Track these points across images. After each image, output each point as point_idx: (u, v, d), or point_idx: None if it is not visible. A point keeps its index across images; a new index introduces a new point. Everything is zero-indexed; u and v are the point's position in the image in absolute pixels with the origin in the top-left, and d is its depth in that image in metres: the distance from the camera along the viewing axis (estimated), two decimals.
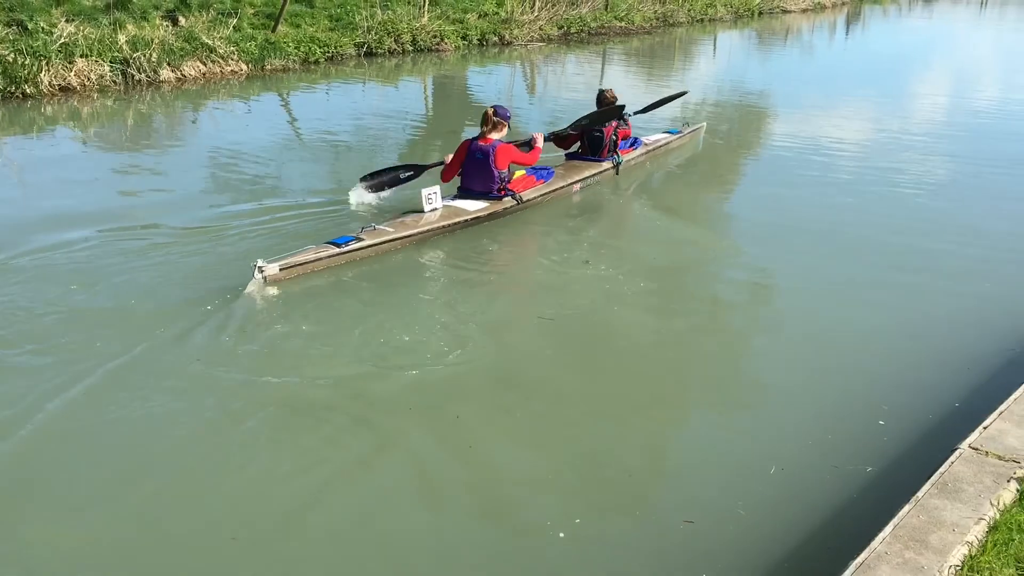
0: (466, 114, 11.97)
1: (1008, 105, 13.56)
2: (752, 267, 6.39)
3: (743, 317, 5.64)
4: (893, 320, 5.50)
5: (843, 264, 6.42)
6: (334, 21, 15.23)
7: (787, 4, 29.33)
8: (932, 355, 5.01)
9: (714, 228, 7.47)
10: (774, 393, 4.61)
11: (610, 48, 18.97)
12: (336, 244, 5.76)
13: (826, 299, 5.83)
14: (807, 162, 9.39)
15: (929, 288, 6.01)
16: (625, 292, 5.78)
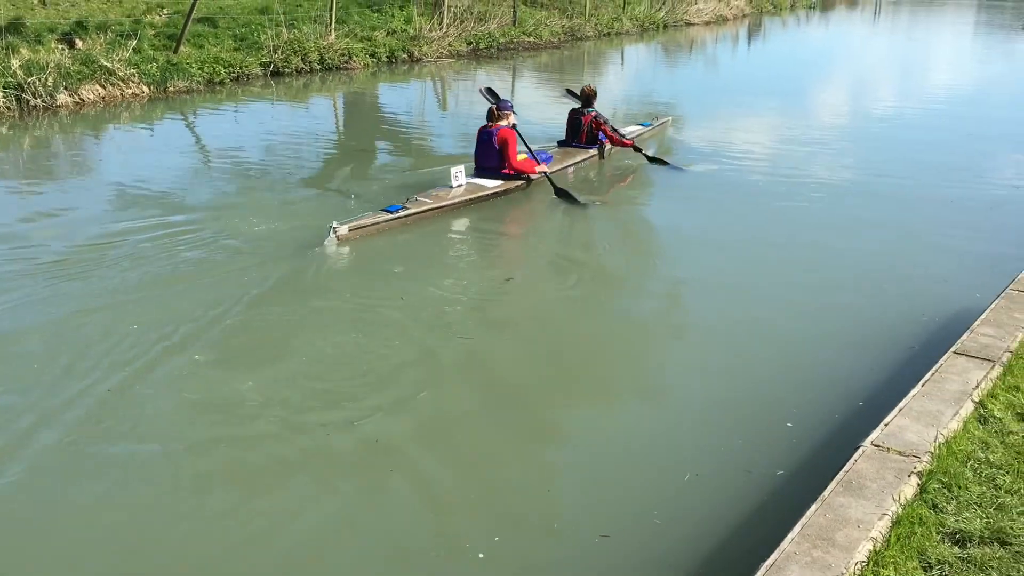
0: (377, 131, 11.91)
1: (905, 112, 14.08)
2: (659, 274, 6.51)
3: (653, 324, 5.72)
4: (798, 323, 5.65)
5: (749, 269, 6.57)
6: (239, 41, 14.98)
7: (691, 17, 30.00)
8: (837, 356, 5.15)
9: (624, 236, 7.57)
10: (688, 400, 4.69)
11: (520, 63, 19.11)
12: (389, 211, 7.06)
13: (733, 304, 5.95)
14: (713, 170, 9.59)
15: (832, 291, 6.19)
16: (540, 300, 5.81)
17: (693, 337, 5.50)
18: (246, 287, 5.81)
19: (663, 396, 4.74)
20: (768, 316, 5.74)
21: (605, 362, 5.19)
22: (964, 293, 5.92)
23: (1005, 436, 3.65)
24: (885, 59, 24.09)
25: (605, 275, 6.55)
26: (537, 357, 5.16)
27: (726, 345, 5.36)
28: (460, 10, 19.81)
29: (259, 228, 6.99)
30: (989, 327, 4.60)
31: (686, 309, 5.96)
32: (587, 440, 4.33)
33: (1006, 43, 27.65)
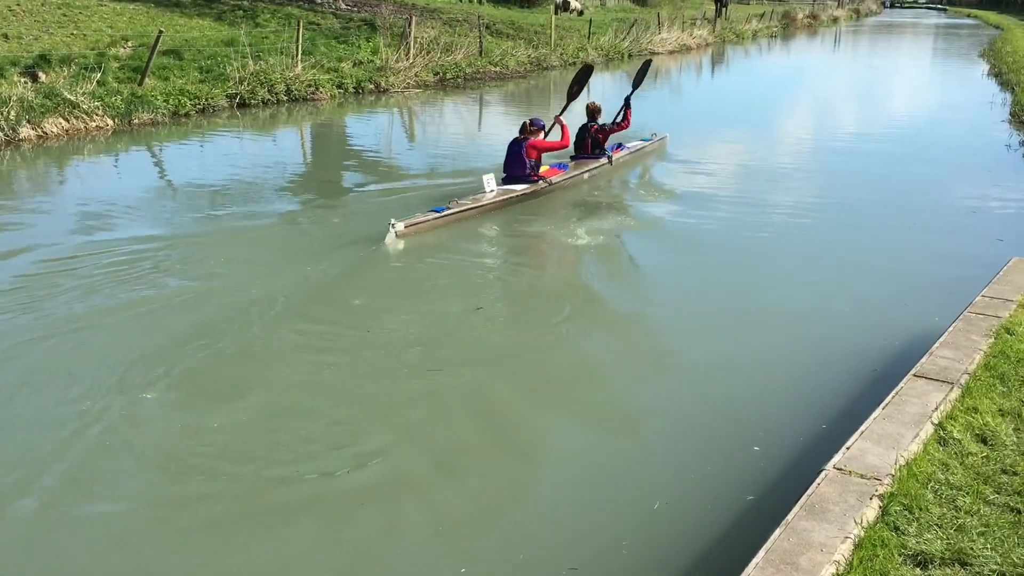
0: (345, 161, 11.93)
1: (865, 139, 14.32)
2: (624, 303, 6.55)
3: (621, 351, 5.75)
4: (764, 349, 5.71)
5: (714, 297, 6.64)
6: (204, 73, 14.96)
7: (655, 46, 30.38)
8: (802, 381, 5.21)
9: (597, 262, 7.62)
10: (659, 428, 4.72)
11: (486, 92, 19.25)
12: (436, 212, 8.11)
13: (700, 332, 6.02)
14: (678, 198, 9.70)
15: (796, 317, 6.26)
16: (514, 330, 5.84)
17: (662, 365, 5.55)
18: (247, 306, 5.79)
19: (633, 425, 4.76)
20: (734, 343, 5.81)
21: (573, 391, 5.21)
22: (924, 317, 6.01)
23: (964, 457, 3.71)
24: (846, 86, 24.52)
25: (577, 300, 6.58)
26: (504, 385, 5.17)
27: (694, 372, 5.42)
28: (427, 41, 19.94)
29: (233, 259, 6.98)
30: (948, 350, 4.68)
31: (654, 337, 6.00)
32: (556, 470, 4.34)
33: (963, 69, 28.26)
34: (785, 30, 51.28)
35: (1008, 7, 76.82)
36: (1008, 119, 15.61)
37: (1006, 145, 13.22)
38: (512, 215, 8.69)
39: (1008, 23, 51.79)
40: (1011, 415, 4.06)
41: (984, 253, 7.47)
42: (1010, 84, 20.18)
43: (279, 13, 21.53)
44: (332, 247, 7.53)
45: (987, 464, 3.67)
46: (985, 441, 3.84)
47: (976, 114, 16.85)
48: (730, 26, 42.88)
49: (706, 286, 6.84)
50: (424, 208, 8.34)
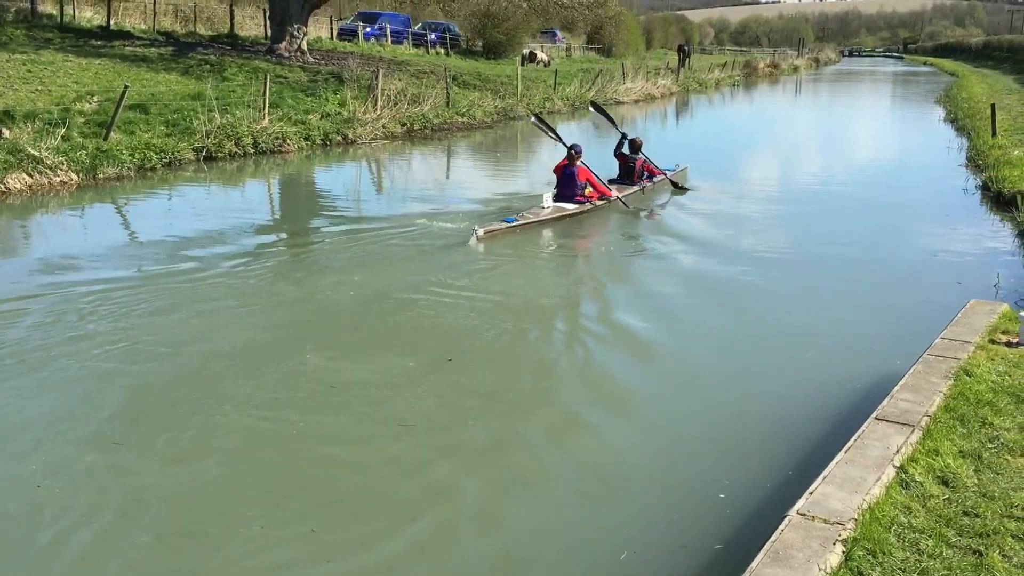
0: (314, 211, 11.94)
1: (828, 184, 14.55)
2: (594, 346, 6.55)
3: (586, 399, 5.74)
4: (730, 394, 5.74)
5: (676, 344, 6.69)
6: (171, 126, 14.98)
7: (620, 96, 30.91)
8: (767, 426, 5.24)
9: (562, 308, 7.65)
10: (622, 475, 4.70)
11: (454, 143, 19.41)
12: (508, 222, 9.83)
13: (663, 378, 6.05)
14: (645, 239, 9.80)
15: (761, 363, 6.31)
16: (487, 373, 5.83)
17: (627, 411, 5.54)
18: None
19: (599, 472, 4.74)
20: (699, 388, 5.84)
21: (537, 433, 5.19)
22: (886, 359, 6.08)
23: (926, 500, 3.73)
24: (809, 133, 25.00)
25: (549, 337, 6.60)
26: (456, 434, 5.14)
27: (660, 419, 5.43)
28: (394, 93, 20.14)
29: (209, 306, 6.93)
30: (908, 392, 4.73)
31: (617, 384, 6.00)
32: (520, 521, 4.31)
33: (920, 115, 28.94)
34: (747, 79, 52.36)
35: (962, 55, 78.99)
36: (965, 163, 15.96)
37: (963, 189, 13.50)
38: (563, 227, 10.38)
39: (963, 70, 53.22)
40: (971, 456, 4.10)
41: (943, 296, 7.59)
42: (966, 129, 20.67)
43: (246, 67, 21.69)
44: (299, 297, 7.52)
45: (949, 506, 3.69)
46: (946, 483, 3.87)
47: (934, 159, 17.23)
48: (693, 75, 43.74)
49: (667, 334, 6.86)
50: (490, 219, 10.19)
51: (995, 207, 11.91)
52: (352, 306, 7.42)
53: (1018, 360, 5.26)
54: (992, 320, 5.96)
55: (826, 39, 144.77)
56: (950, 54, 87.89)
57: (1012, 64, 50.07)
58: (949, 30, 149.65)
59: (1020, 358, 5.30)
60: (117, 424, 5.08)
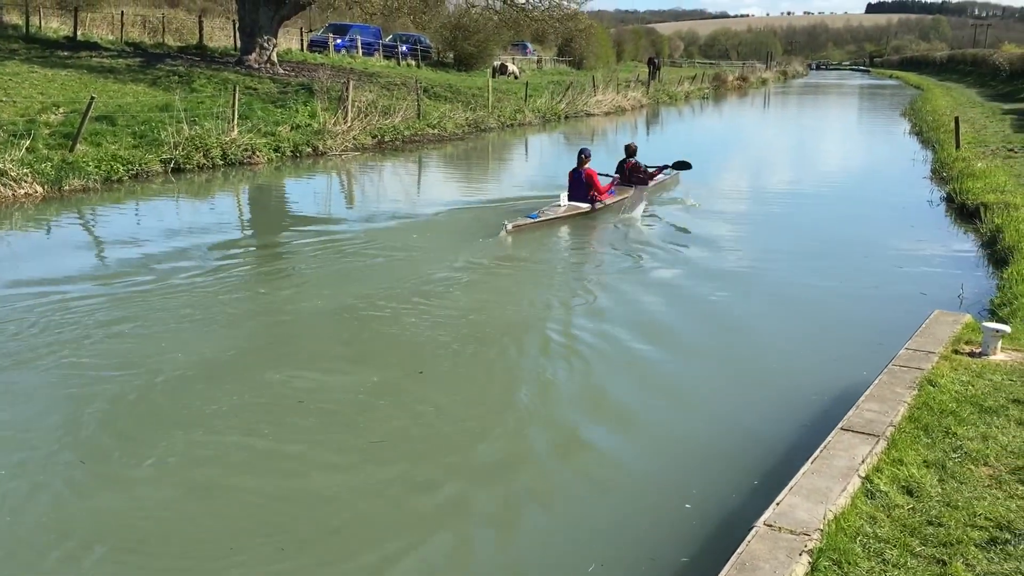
0: (283, 224, 11.87)
1: (796, 196, 14.67)
2: (560, 360, 6.55)
3: (552, 412, 5.73)
4: (697, 405, 5.77)
5: (644, 352, 6.70)
6: (138, 138, 14.84)
7: (590, 108, 31.06)
8: (734, 436, 5.26)
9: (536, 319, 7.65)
10: (591, 488, 4.70)
11: (425, 154, 19.40)
12: (532, 217, 10.98)
13: (632, 389, 6.05)
14: (621, 261, 9.83)
15: (728, 374, 6.34)
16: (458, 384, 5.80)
17: (593, 424, 5.54)
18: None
19: (566, 486, 4.73)
20: (667, 399, 5.86)
21: (500, 458, 5.16)
22: (852, 370, 6.13)
23: (891, 510, 3.76)
24: (777, 145, 25.25)
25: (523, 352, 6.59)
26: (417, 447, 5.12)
27: (627, 430, 5.43)
28: (365, 104, 20.10)
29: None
30: (873, 402, 4.77)
31: (582, 397, 6.00)
32: (487, 537, 4.29)
33: (886, 127, 29.33)
34: (716, 91, 52.88)
35: (927, 68, 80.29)
36: (929, 176, 16.19)
37: (928, 201, 13.69)
38: (576, 222, 11.57)
39: (928, 83, 54.10)
40: (935, 466, 4.14)
41: (909, 306, 7.68)
42: (930, 142, 20.97)
43: (215, 78, 21.55)
44: (261, 310, 7.47)
45: (913, 516, 3.72)
46: (911, 493, 3.90)
47: (900, 171, 17.45)
48: (663, 88, 44.09)
49: (634, 347, 6.87)
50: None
51: (959, 219, 12.09)
52: (322, 319, 7.37)
53: (981, 370, 5.33)
54: (956, 330, 6.03)
55: (794, 52, 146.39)
56: (915, 68, 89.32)
57: (976, 78, 50.96)
58: (914, 44, 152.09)
59: (983, 368, 5.37)
60: (77, 442, 5.00)
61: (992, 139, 19.40)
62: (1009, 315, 7.01)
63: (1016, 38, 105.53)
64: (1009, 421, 4.61)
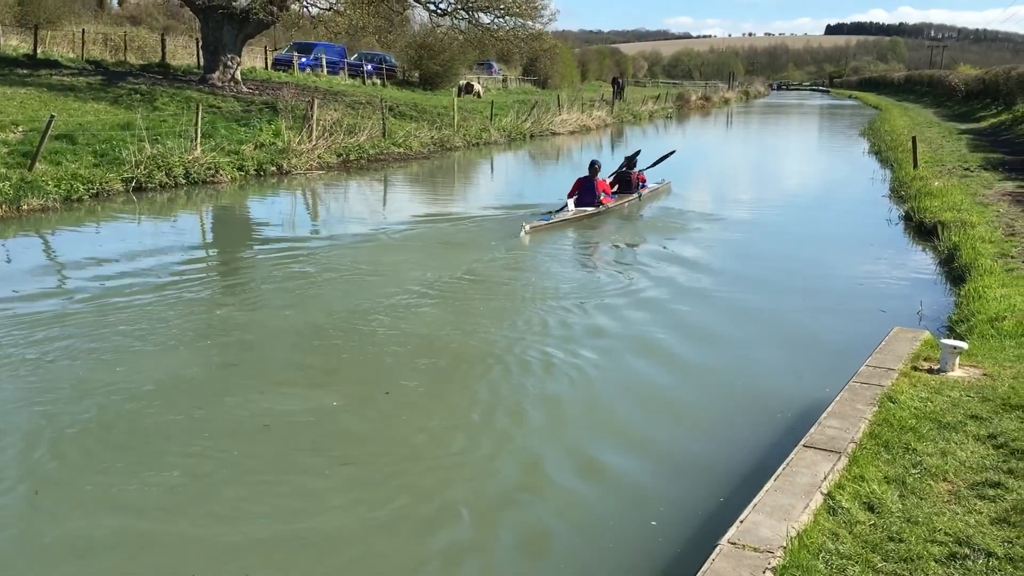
0: (246, 242, 11.78)
1: (758, 215, 14.84)
2: (526, 371, 6.55)
3: (516, 429, 5.73)
4: (663, 422, 5.80)
5: (611, 370, 6.73)
6: (99, 157, 14.68)
7: (555, 127, 31.25)
8: (699, 454, 5.30)
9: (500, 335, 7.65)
10: (556, 506, 4.69)
11: (390, 173, 19.38)
12: (545, 220, 12.37)
13: (597, 404, 6.07)
14: (585, 279, 9.87)
15: (693, 392, 6.40)
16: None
17: (557, 442, 5.55)
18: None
19: (531, 503, 4.73)
20: (631, 417, 5.88)
21: (466, 477, 5.15)
22: (815, 387, 6.20)
23: (853, 526, 3.80)
24: (739, 165, 25.54)
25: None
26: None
27: (591, 447, 5.43)
28: (329, 123, 20.07)
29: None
30: (835, 419, 4.83)
31: (545, 415, 6.00)
32: (456, 560, 4.26)
33: (846, 147, 29.78)
34: (680, 111, 53.41)
35: (885, 89, 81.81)
36: (888, 194, 16.47)
37: (887, 220, 13.91)
38: (583, 225, 12.89)
39: (886, 104, 55.09)
40: (896, 482, 4.19)
41: (869, 324, 7.78)
42: (889, 161, 21.33)
43: (178, 96, 21.42)
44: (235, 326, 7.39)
45: (875, 532, 3.76)
46: (872, 509, 3.94)
47: (859, 190, 17.72)
48: (627, 107, 44.46)
49: (595, 366, 6.87)
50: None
51: (917, 236, 12.29)
52: (285, 339, 7.32)
53: (939, 386, 5.42)
54: (915, 347, 6.13)
55: (755, 73, 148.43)
56: (874, 88, 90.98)
57: (932, 98, 52.00)
58: (872, 65, 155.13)
59: (941, 384, 5.45)
60: (30, 470, 4.91)
61: (949, 159, 19.78)
62: (967, 332, 7.14)
63: (971, 59, 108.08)
64: (967, 437, 4.68)
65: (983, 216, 11.99)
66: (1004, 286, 8.19)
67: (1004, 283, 8.32)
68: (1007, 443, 4.58)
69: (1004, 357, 6.08)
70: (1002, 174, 16.81)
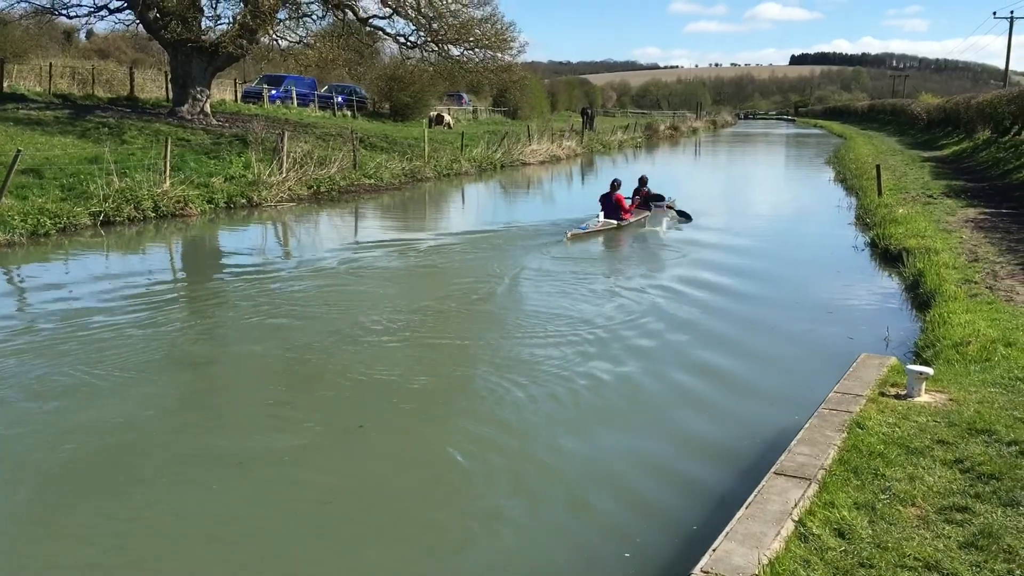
0: (216, 275, 11.71)
1: (728, 243, 15.00)
2: (497, 403, 6.55)
3: (490, 458, 5.71)
4: (635, 450, 5.81)
5: (582, 405, 6.73)
6: (66, 191, 14.58)
7: (526, 157, 31.46)
8: (672, 483, 5.32)
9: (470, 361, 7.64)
10: (531, 537, 4.68)
11: (361, 205, 19.38)
12: (582, 229, 14.55)
13: (568, 439, 6.06)
14: (545, 296, 9.90)
15: (665, 417, 6.43)
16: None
17: (530, 473, 5.54)
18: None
19: (507, 535, 4.71)
20: (604, 447, 5.89)
21: (437, 506, 5.13)
22: (785, 414, 6.26)
23: (824, 552, 3.82)
24: (708, 194, 25.76)
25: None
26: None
27: (563, 478, 5.43)
28: (300, 155, 20.07)
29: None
30: (805, 446, 4.86)
31: (517, 445, 5.99)
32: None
33: (812, 175, 30.22)
34: (649, 140, 53.96)
35: (849, 117, 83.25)
36: (854, 222, 16.71)
37: (853, 247, 14.11)
38: (608, 235, 15.02)
39: (850, 132, 56.00)
40: (866, 508, 4.22)
41: (837, 350, 7.87)
42: (854, 189, 21.66)
43: (147, 130, 21.35)
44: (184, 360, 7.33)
45: (845, 558, 3.79)
46: (842, 535, 3.97)
47: (826, 218, 17.96)
48: (597, 137, 44.88)
49: (568, 394, 6.88)
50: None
51: (883, 263, 12.47)
52: (255, 373, 7.27)
53: (906, 412, 5.48)
54: (882, 373, 6.20)
55: (723, 102, 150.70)
56: (838, 117, 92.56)
57: (896, 126, 52.99)
58: (837, 94, 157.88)
59: (908, 410, 5.52)
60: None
61: (912, 186, 20.13)
62: (932, 357, 7.24)
63: (933, 88, 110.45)
64: (934, 462, 4.74)
65: (947, 243, 12.20)
66: (968, 312, 8.32)
67: (968, 309, 8.45)
68: (973, 467, 4.64)
69: (969, 382, 6.17)
70: (964, 201, 17.13)
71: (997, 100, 27.89)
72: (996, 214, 15.28)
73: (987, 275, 10.08)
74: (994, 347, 7.05)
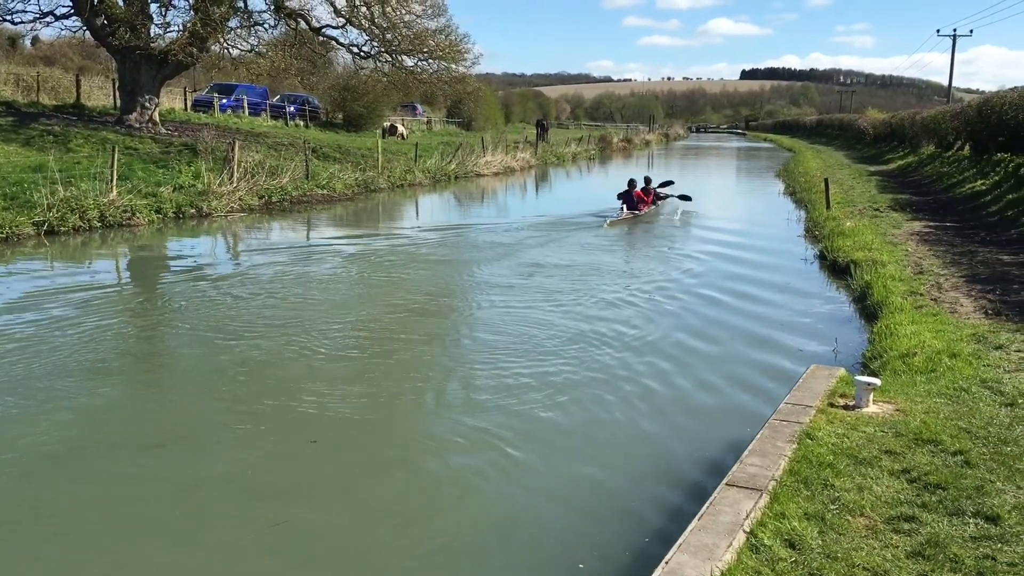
0: (162, 284, 11.50)
1: (682, 259, 15.13)
2: (450, 411, 6.51)
3: (444, 474, 5.67)
4: (588, 463, 5.80)
5: (535, 418, 6.71)
6: (8, 200, 14.24)
7: (480, 168, 31.49)
8: (625, 496, 5.32)
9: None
10: (483, 551, 4.64)
11: (314, 215, 19.21)
12: (615, 217, 18.70)
13: (522, 452, 6.04)
14: (501, 313, 9.88)
15: (618, 430, 6.43)
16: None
17: (484, 487, 5.50)
18: None
19: (460, 549, 4.67)
20: (557, 460, 5.87)
21: (390, 523, 5.08)
22: (737, 426, 6.30)
23: (775, 564, 3.84)
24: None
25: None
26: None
27: (516, 493, 5.40)
28: (251, 165, 19.85)
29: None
30: (756, 457, 4.89)
31: (473, 459, 5.96)
32: None
33: (762, 188, 30.64)
34: (602, 152, 54.35)
35: (798, 132, 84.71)
36: (803, 234, 16.96)
37: (803, 259, 14.31)
38: (630, 224, 18.18)
39: (799, 146, 57.00)
40: (816, 518, 4.25)
41: (788, 362, 7.98)
42: (803, 202, 22.00)
43: (93, 138, 20.95)
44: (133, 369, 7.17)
45: (796, 569, 3.81)
46: (793, 546, 4.00)
47: (776, 231, 18.20)
48: (551, 149, 45.07)
49: (522, 407, 6.86)
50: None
51: (832, 275, 12.66)
52: (204, 385, 7.13)
53: (855, 422, 5.55)
54: (831, 384, 6.27)
55: (675, 115, 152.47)
56: (788, 131, 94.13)
57: (843, 140, 54.00)
58: (786, 109, 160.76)
59: (856, 420, 5.58)
60: None
61: (860, 199, 20.50)
62: (880, 368, 7.34)
63: (879, 103, 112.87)
64: (882, 472, 4.80)
65: (893, 255, 12.42)
66: (914, 323, 8.46)
67: (914, 320, 8.60)
68: (920, 477, 4.70)
69: (915, 392, 6.26)
70: (910, 214, 17.49)
71: (941, 116, 28.53)
72: (940, 227, 15.61)
73: (932, 287, 10.27)
74: (939, 358, 7.17)
